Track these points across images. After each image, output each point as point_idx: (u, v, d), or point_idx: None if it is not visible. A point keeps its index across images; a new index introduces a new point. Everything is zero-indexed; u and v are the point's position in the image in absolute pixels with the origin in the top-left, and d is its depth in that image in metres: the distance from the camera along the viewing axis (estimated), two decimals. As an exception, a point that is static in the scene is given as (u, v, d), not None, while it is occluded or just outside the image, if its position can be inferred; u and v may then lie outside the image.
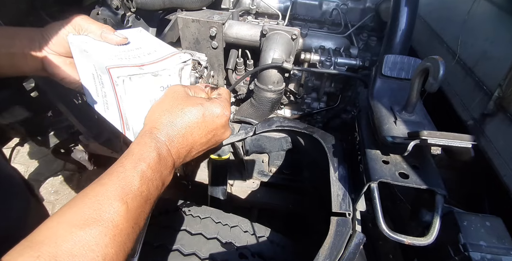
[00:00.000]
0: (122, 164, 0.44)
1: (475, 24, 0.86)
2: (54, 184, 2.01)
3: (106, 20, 0.82)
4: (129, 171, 0.43)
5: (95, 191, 0.40)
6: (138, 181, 0.42)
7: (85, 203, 0.38)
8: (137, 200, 0.41)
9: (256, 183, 1.22)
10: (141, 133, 0.48)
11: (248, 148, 1.04)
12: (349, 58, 0.99)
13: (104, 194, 0.39)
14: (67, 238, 0.34)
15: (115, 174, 0.42)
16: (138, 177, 0.42)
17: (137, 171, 0.43)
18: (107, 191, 0.39)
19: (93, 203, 0.38)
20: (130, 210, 0.40)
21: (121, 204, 0.39)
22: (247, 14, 1.32)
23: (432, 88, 0.52)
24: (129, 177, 0.42)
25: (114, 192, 0.40)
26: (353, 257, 0.60)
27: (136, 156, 0.45)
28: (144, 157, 0.45)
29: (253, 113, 1.02)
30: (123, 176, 0.42)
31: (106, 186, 0.40)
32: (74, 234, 0.34)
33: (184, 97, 0.52)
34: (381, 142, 0.63)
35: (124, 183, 0.41)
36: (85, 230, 0.35)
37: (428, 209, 0.61)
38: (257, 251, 0.85)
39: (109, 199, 0.39)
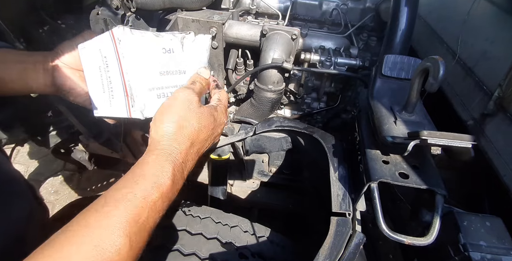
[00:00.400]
0: (132, 190, 0.40)
1: (475, 24, 0.86)
2: (54, 184, 2.01)
3: (106, 20, 0.82)
4: (139, 201, 0.39)
5: (99, 223, 0.36)
6: (146, 214, 0.39)
7: (85, 237, 0.35)
8: (140, 235, 0.38)
9: (256, 183, 1.22)
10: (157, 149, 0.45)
11: (248, 148, 1.04)
12: (349, 58, 0.99)
13: (108, 228, 0.36)
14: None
15: (123, 202, 0.39)
16: (147, 209, 0.39)
17: (148, 202, 0.40)
18: (110, 225, 0.36)
19: (94, 238, 0.35)
20: (131, 247, 0.37)
21: (125, 241, 0.36)
22: (247, 14, 1.32)
23: (432, 88, 0.52)
24: (138, 208, 0.39)
25: (118, 226, 0.36)
26: (353, 257, 0.60)
27: (149, 182, 0.41)
28: (158, 185, 0.42)
29: (253, 113, 1.02)
30: (131, 207, 0.38)
31: (111, 218, 0.37)
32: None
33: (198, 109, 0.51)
34: (381, 142, 0.63)
35: (131, 215, 0.38)
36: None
37: (428, 209, 0.61)
38: (257, 251, 0.85)
39: (113, 234, 0.36)
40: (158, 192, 0.41)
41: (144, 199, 0.39)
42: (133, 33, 0.52)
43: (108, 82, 0.57)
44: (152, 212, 0.40)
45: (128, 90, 0.56)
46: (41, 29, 0.92)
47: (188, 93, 0.51)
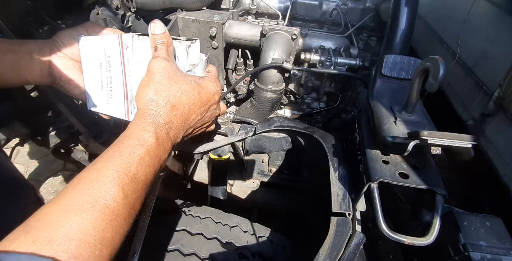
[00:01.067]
0: (118, 148, 0.43)
1: (475, 24, 0.86)
2: (54, 184, 2.01)
3: (106, 20, 0.82)
4: (125, 156, 0.42)
5: (90, 177, 0.39)
6: (135, 167, 0.41)
7: (79, 189, 0.38)
8: (133, 186, 0.41)
9: (256, 183, 1.22)
10: (139, 115, 0.48)
11: (248, 148, 1.04)
12: (349, 58, 0.99)
13: (99, 179, 0.39)
14: (63, 223, 0.33)
15: (111, 159, 0.41)
16: (136, 163, 0.42)
17: (134, 157, 0.42)
18: (102, 177, 0.39)
19: (88, 189, 0.37)
20: (126, 196, 0.39)
21: (118, 190, 0.39)
22: (247, 14, 1.32)
23: (432, 88, 0.52)
24: (126, 163, 0.41)
25: (110, 178, 0.39)
26: (353, 257, 0.60)
27: (134, 140, 0.44)
28: (143, 142, 0.44)
29: (253, 113, 1.02)
30: (120, 162, 0.41)
31: (101, 172, 0.39)
32: (70, 219, 0.34)
33: (176, 74, 0.51)
34: (381, 142, 0.63)
35: (120, 169, 0.40)
36: (81, 215, 0.35)
37: (428, 209, 0.61)
38: (257, 251, 0.85)
39: (105, 185, 0.38)
40: (143, 148, 0.44)
41: (131, 155, 0.42)
42: (141, 41, 0.53)
43: (108, 81, 0.57)
44: (141, 166, 0.42)
45: (129, 94, 0.56)
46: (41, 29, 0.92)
47: (158, 62, 0.50)
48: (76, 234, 0.33)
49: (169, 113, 0.49)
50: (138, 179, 0.42)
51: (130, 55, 0.53)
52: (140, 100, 0.49)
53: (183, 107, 0.50)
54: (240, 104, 1.11)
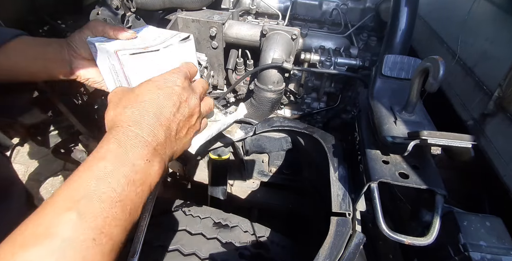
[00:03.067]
0: (80, 167, 0.37)
1: (475, 24, 0.86)
2: (54, 184, 2.01)
3: (106, 20, 0.82)
4: (81, 172, 0.37)
5: (44, 203, 0.34)
6: (95, 182, 0.35)
7: (31, 219, 0.33)
8: (94, 205, 0.34)
9: (256, 183, 1.22)
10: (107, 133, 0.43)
11: (248, 148, 1.04)
12: (349, 58, 0.99)
13: (51, 204, 0.33)
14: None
15: (67, 180, 0.36)
16: (94, 178, 0.36)
17: (91, 170, 0.37)
18: (54, 201, 0.34)
19: (39, 217, 0.32)
20: (85, 219, 0.32)
21: (70, 213, 0.32)
22: (247, 14, 1.32)
23: (432, 88, 0.52)
24: (82, 179, 0.36)
25: (61, 201, 0.34)
26: (353, 257, 0.60)
27: (93, 155, 0.39)
28: (101, 153, 0.38)
29: (253, 113, 1.02)
30: (74, 180, 0.36)
31: (55, 195, 0.35)
32: (17, 256, 0.29)
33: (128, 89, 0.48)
34: (381, 142, 0.63)
35: (73, 187, 0.35)
36: (29, 251, 0.29)
37: (428, 209, 0.61)
38: (257, 251, 0.85)
39: (55, 209, 0.33)
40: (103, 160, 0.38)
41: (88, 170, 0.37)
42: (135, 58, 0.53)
43: (119, 82, 0.59)
44: (102, 178, 0.37)
45: None
46: (41, 29, 0.92)
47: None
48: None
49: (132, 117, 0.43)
50: (103, 194, 0.36)
51: (128, 71, 0.55)
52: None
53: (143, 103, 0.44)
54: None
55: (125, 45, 0.57)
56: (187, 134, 0.51)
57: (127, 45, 0.57)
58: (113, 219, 0.35)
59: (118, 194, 0.36)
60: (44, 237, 0.30)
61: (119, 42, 0.58)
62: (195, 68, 0.56)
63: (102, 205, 0.34)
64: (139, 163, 0.39)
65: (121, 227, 0.36)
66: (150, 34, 0.63)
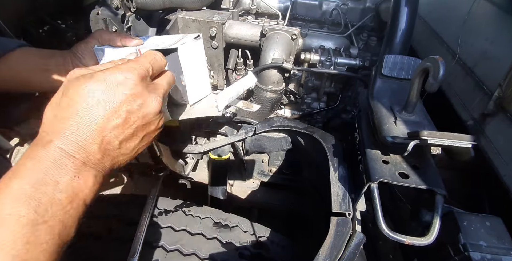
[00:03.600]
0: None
1: (475, 24, 0.86)
2: (54, 184, 2.00)
3: (106, 20, 0.82)
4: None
5: None
6: (10, 204, 0.31)
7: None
8: (14, 232, 0.30)
9: (256, 183, 1.22)
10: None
11: (248, 148, 1.04)
12: (349, 58, 0.99)
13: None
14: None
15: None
16: (10, 200, 0.32)
17: (7, 191, 0.32)
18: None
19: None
20: (2, 248, 0.29)
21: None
22: (247, 14, 1.32)
23: (432, 88, 0.52)
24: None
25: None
26: (353, 257, 0.60)
27: (8, 174, 0.34)
28: (19, 172, 0.34)
29: (253, 113, 1.02)
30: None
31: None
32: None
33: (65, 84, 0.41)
34: (381, 142, 0.63)
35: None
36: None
37: (428, 209, 0.61)
38: (257, 251, 0.85)
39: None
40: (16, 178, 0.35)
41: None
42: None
43: None
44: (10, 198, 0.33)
45: None
46: (41, 29, 0.92)
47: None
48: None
49: (52, 128, 0.38)
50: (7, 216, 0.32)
51: None
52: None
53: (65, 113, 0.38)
54: (240, 104, 1.11)
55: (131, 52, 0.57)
56: (143, 140, 0.44)
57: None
58: (35, 244, 0.31)
59: (40, 215, 0.32)
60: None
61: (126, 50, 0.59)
62: (162, 62, 0.47)
63: (22, 231, 0.30)
64: (64, 180, 0.35)
65: (48, 251, 0.32)
66: (155, 40, 0.63)
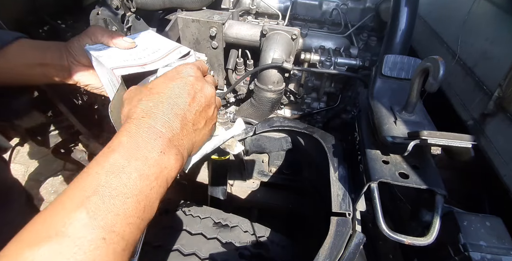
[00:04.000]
0: (92, 161, 0.36)
1: (475, 24, 0.86)
2: (54, 184, 2.01)
3: (106, 20, 0.82)
4: (92, 167, 0.35)
5: (54, 200, 0.33)
6: (104, 177, 0.34)
7: (39, 217, 0.31)
8: (104, 202, 0.32)
9: (256, 183, 1.22)
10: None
11: (248, 148, 1.04)
12: (349, 58, 0.99)
13: (60, 201, 0.32)
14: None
15: (79, 175, 0.35)
16: (104, 173, 0.34)
17: (101, 165, 0.35)
18: (64, 198, 0.32)
19: (48, 215, 0.31)
20: (94, 217, 0.31)
21: (79, 211, 0.31)
22: (247, 14, 1.32)
23: (432, 88, 0.52)
24: (91, 174, 0.34)
25: (71, 198, 0.32)
26: (353, 257, 0.60)
27: (104, 149, 0.37)
28: (112, 147, 0.37)
29: (253, 113, 1.02)
30: (84, 175, 0.34)
31: (65, 192, 0.33)
32: (22, 255, 0.28)
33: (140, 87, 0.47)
34: (381, 142, 0.63)
35: (83, 183, 0.33)
36: (36, 250, 0.28)
37: (428, 209, 0.61)
38: (257, 251, 0.85)
39: (64, 207, 0.31)
40: (115, 151, 0.37)
41: (98, 165, 0.36)
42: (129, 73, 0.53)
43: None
44: (112, 173, 0.35)
45: None
46: (41, 29, 0.92)
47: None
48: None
49: (143, 107, 0.42)
50: (113, 191, 0.34)
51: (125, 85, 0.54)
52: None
53: (154, 93, 0.44)
54: (240, 104, 1.11)
55: (122, 56, 0.56)
56: (206, 125, 0.49)
57: (125, 56, 0.56)
58: (124, 216, 0.33)
59: (130, 189, 0.34)
60: (52, 237, 0.29)
61: (117, 52, 0.57)
62: (205, 67, 0.55)
63: (113, 202, 0.32)
64: (152, 156, 0.37)
65: (134, 225, 0.34)
66: (149, 42, 0.61)
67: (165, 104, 0.42)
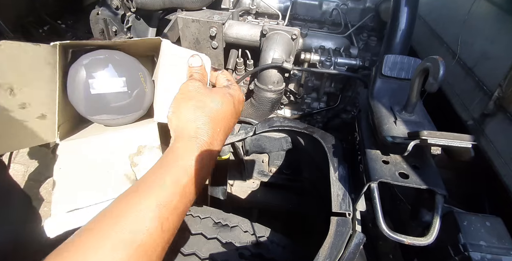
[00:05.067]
0: (162, 175, 0.40)
1: (475, 24, 0.86)
2: (54, 184, 2.00)
3: (106, 20, 0.82)
4: (169, 186, 0.39)
5: (130, 209, 0.36)
6: (178, 198, 0.39)
7: (119, 222, 0.35)
8: (172, 219, 0.37)
9: (256, 183, 1.22)
10: (184, 135, 0.45)
11: (248, 148, 1.04)
12: (349, 58, 0.99)
13: (139, 212, 0.36)
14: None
15: (154, 188, 0.38)
16: (178, 194, 0.39)
17: (177, 186, 0.39)
18: (143, 210, 0.36)
19: (128, 223, 0.35)
20: (164, 230, 0.36)
21: (156, 224, 0.35)
22: (247, 14, 1.32)
23: (432, 88, 0.52)
24: (169, 193, 0.38)
25: (151, 211, 0.36)
26: (353, 257, 0.60)
27: (179, 167, 0.41)
28: (186, 168, 0.41)
29: (253, 113, 1.02)
30: (163, 192, 0.38)
31: (143, 203, 0.37)
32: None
33: (209, 90, 0.50)
34: (381, 142, 0.63)
35: (162, 200, 0.37)
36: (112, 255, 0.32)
37: (428, 209, 0.61)
38: (257, 251, 0.85)
39: (144, 218, 0.35)
40: (187, 176, 0.41)
41: (174, 184, 0.39)
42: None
43: None
44: (182, 197, 0.39)
45: None
46: (41, 29, 0.92)
47: (190, 83, 0.51)
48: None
49: (213, 131, 0.46)
50: (178, 210, 0.39)
51: None
52: (180, 119, 0.46)
53: (223, 121, 0.48)
54: (240, 104, 1.10)
55: None
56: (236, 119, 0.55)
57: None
58: (175, 230, 0.39)
59: (186, 209, 0.40)
60: (130, 244, 0.33)
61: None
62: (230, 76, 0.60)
63: (175, 219, 0.38)
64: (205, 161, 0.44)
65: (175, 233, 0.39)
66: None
67: (222, 131, 0.48)
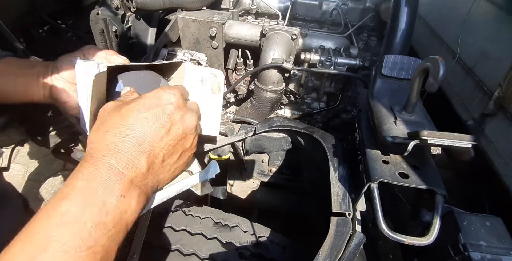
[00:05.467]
0: (40, 211, 0.34)
1: (475, 24, 0.86)
2: (54, 184, 2.00)
3: (106, 20, 0.82)
4: (41, 217, 0.33)
5: (2, 253, 0.31)
6: (55, 229, 0.32)
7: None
8: (55, 259, 0.30)
9: (256, 183, 1.22)
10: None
11: (248, 148, 1.04)
12: (349, 58, 0.99)
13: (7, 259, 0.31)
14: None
15: (27, 226, 0.33)
16: (55, 224, 0.32)
17: (52, 215, 0.33)
18: (12, 255, 0.30)
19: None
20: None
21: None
22: (247, 14, 1.32)
23: (432, 88, 0.52)
24: (42, 226, 0.32)
25: (19, 255, 0.30)
26: (353, 257, 0.60)
27: (57, 194, 0.35)
28: (65, 193, 0.34)
29: (253, 113, 1.02)
30: (33, 227, 0.33)
31: (12, 247, 0.31)
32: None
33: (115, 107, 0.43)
34: (381, 142, 0.63)
35: (32, 236, 0.32)
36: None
37: (428, 209, 0.61)
38: (257, 251, 0.85)
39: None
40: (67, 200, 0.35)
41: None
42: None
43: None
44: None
45: None
46: (41, 29, 0.92)
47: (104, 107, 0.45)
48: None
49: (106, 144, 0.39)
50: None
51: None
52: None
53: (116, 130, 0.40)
54: (240, 104, 1.10)
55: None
56: (180, 158, 0.45)
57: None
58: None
59: (85, 241, 0.31)
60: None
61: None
62: (187, 92, 0.52)
63: (65, 257, 0.30)
64: (111, 201, 0.34)
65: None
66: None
67: (132, 140, 0.38)
